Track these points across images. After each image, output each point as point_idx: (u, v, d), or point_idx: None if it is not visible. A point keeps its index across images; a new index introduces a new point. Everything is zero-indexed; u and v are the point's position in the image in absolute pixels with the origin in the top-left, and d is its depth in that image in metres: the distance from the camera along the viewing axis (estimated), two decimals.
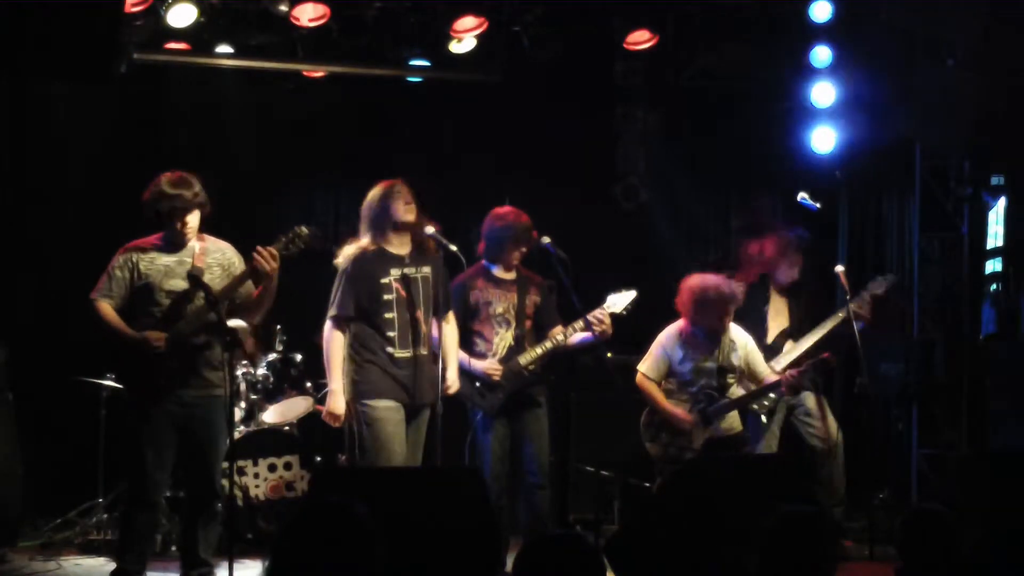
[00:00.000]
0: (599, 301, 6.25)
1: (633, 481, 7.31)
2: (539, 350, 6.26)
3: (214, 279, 5.64)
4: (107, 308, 5.60)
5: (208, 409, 5.69)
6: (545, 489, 6.30)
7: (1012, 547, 3.39)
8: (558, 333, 6.30)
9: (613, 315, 6.19)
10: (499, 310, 6.30)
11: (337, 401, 5.85)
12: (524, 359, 6.25)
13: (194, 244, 5.72)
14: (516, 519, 6.43)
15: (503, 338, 6.29)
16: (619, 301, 6.24)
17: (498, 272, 6.36)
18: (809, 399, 6.93)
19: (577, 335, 6.25)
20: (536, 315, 6.38)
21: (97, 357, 6.61)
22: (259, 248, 5.58)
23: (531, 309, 6.36)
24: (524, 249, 6.31)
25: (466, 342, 6.29)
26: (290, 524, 3.13)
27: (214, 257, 5.75)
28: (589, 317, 6.09)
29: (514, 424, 6.29)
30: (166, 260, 5.66)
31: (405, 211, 5.90)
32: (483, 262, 6.40)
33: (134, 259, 5.64)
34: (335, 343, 5.88)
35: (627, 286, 6.29)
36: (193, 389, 5.64)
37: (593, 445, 6.30)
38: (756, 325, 6.88)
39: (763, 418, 6.78)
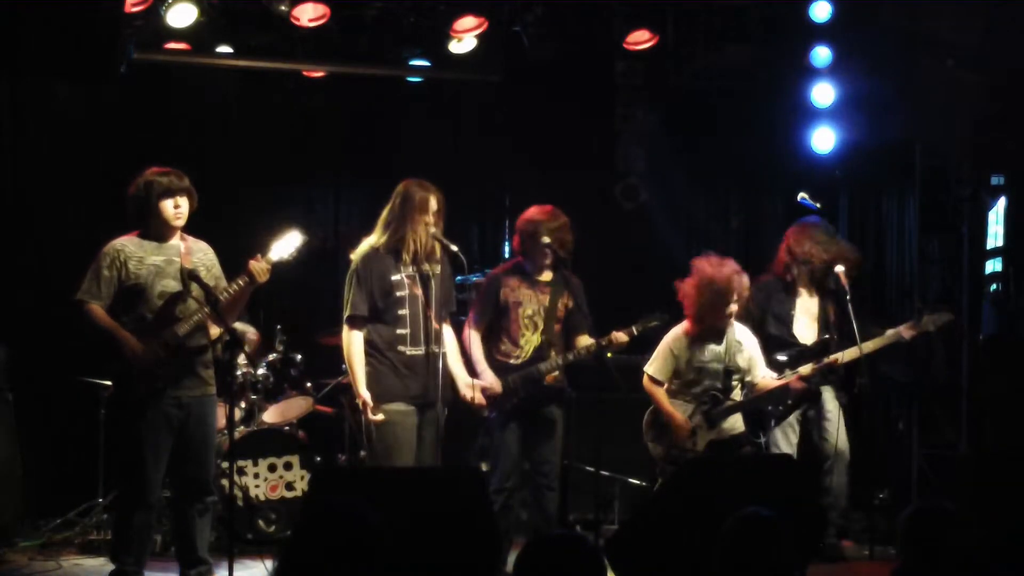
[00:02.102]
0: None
1: (633, 481, 7.31)
2: (560, 360, 6.24)
3: (205, 278, 5.64)
4: (99, 311, 5.58)
5: (203, 408, 5.70)
6: (554, 492, 6.30)
7: (1012, 547, 3.39)
8: (582, 347, 6.26)
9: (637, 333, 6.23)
10: (528, 312, 6.27)
11: (362, 394, 5.75)
12: (545, 367, 6.22)
13: (178, 243, 5.72)
14: (520, 519, 6.44)
15: (529, 340, 6.27)
16: (644, 324, 6.26)
17: (533, 272, 6.34)
18: (830, 403, 6.89)
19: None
20: (567, 318, 6.33)
21: (95, 357, 6.61)
22: (252, 264, 5.59)
23: (562, 312, 6.31)
24: (566, 249, 6.24)
25: (493, 340, 6.28)
26: (300, 528, 3.12)
27: (198, 257, 5.75)
28: (615, 341, 6.12)
29: (530, 426, 6.27)
30: (155, 260, 5.65)
31: (425, 225, 5.83)
32: (520, 259, 6.39)
33: (121, 258, 5.62)
34: (355, 345, 5.80)
35: (658, 312, 6.33)
36: (189, 390, 5.65)
37: (593, 445, 6.29)
38: (782, 325, 6.88)
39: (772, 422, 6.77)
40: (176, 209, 5.64)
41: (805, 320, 6.97)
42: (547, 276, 6.31)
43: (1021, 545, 3.38)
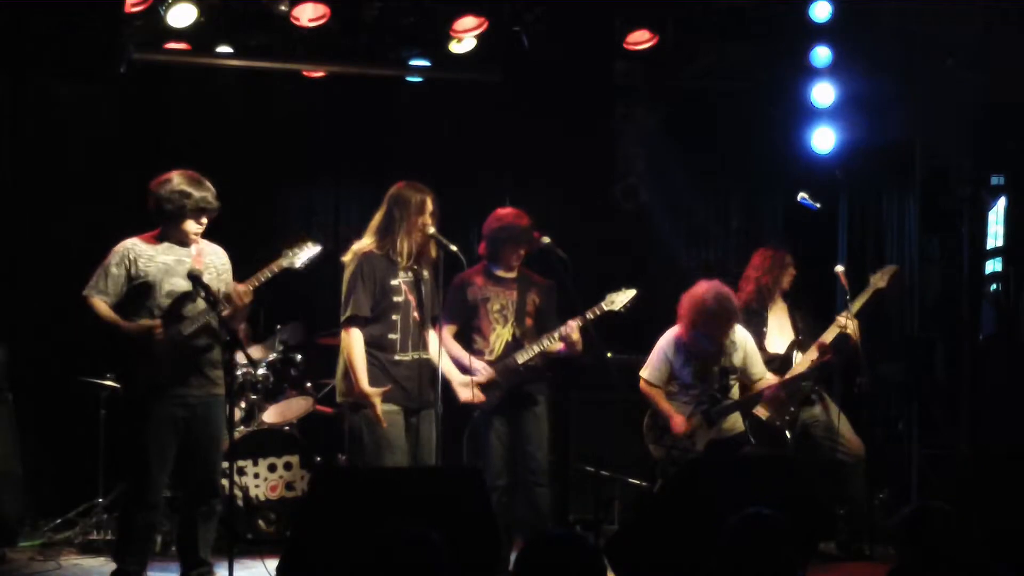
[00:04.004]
0: (598, 301, 6.25)
1: (633, 481, 7.31)
2: (536, 348, 6.24)
3: (211, 280, 5.66)
4: (102, 305, 5.60)
5: (210, 408, 5.70)
6: (544, 487, 6.28)
7: (1012, 547, 3.40)
8: (552, 331, 6.27)
9: (612, 312, 6.19)
10: (496, 307, 6.29)
11: (367, 389, 5.75)
12: (520, 357, 6.23)
13: (191, 246, 5.73)
14: (517, 517, 6.43)
15: (499, 335, 6.28)
16: (618, 299, 6.23)
17: (498, 271, 6.35)
18: (827, 414, 6.86)
19: (557, 345, 6.21)
20: (537, 315, 6.36)
21: (98, 357, 6.61)
22: (237, 288, 5.62)
23: (532, 307, 6.34)
24: (523, 250, 6.29)
25: (465, 340, 6.29)
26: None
27: (210, 259, 5.77)
28: (563, 330, 6.11)
29: (513, 422, 6.27)
30: (165, 259, 5.66)
31: (423, 227, 5.86)
32: (484, 262, 6.40)
33: (131, 256, 5.63)
34: (357, 345, 5.81)
35: (627, 285, 6.28)
36: (196, 389, 5.65)
37: (593, 445, 6.29)
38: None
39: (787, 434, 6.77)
40: (200, 226, 5.68)
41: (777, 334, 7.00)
42: (511, 274, 6.34)
43: (1021, 545, 3.39)
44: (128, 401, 5.73)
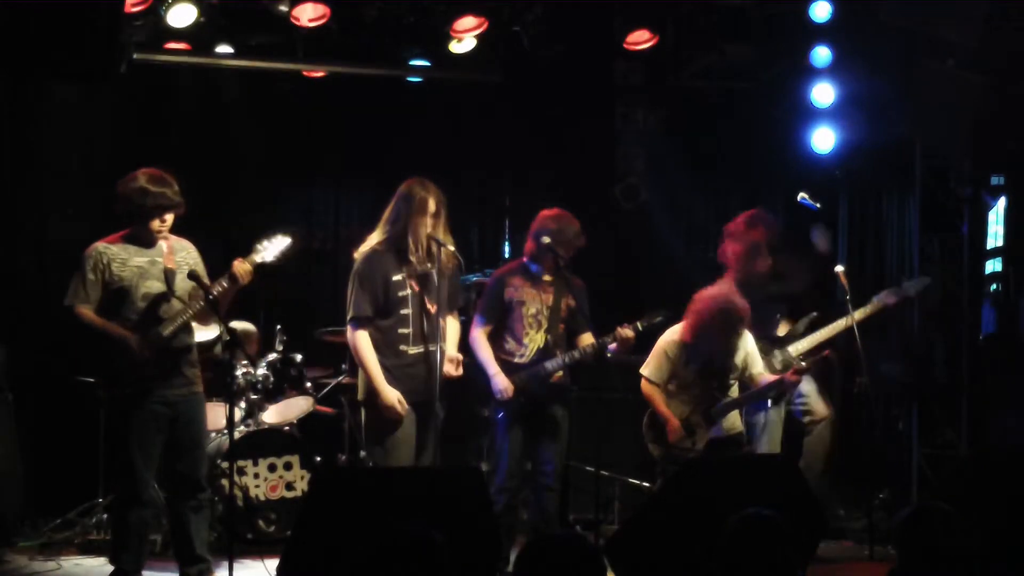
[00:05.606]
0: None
1: (633, 481, 7.31)
2: (566, 359, 6.25)
3: (184, 278, 5.65)
4: (88, 313, 5.60)
5: (191, 407, 5.72)
6: (555, 492, 6.31)
7: (1012, 547, 3.40)
8: (587, 345, 6.27)
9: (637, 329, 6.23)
10: (531, 311, 6.28)
11: (387, 392, 5.77)
12: (551, 366, 6.24)
13: (161, 244, 5.72)
14: (521, 519, 6.45)
15: (533, 339, 6.28)
16: (648, 321, 6.27)
17: (538, 272, 6.34)
18: (804, 384, 6.90)
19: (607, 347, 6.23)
20: (570, 319, 6.35)
21: (90, 359, 6.62)
22: (236, 265, 5.60)
23: (565, 312, 6.32)
24: (571, 254, 6.24)
25: (497, 338, 6.29)
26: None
27: (181, 256, 5.76)
28: (620, 337, 6.13)
29: (535, 427, 6.28)
30: (138, 261, 5.65)
31: (423, 226, 5.85)
32: (524, 260, 6.38)
33: (104, 260, 5.62)
34: (361, 341, 5.83)
35: (661, 308, 6.34)
36: (176, 388, 5.67)
37: (593, 445, 6.29)
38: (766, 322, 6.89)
39: (768, 403, 6.77)
40: (163, 223, 5.66)
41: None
42: (549, 276, 6.33)
43: (1020, 545, 3.39)
44: (113, 402, 5.74)
